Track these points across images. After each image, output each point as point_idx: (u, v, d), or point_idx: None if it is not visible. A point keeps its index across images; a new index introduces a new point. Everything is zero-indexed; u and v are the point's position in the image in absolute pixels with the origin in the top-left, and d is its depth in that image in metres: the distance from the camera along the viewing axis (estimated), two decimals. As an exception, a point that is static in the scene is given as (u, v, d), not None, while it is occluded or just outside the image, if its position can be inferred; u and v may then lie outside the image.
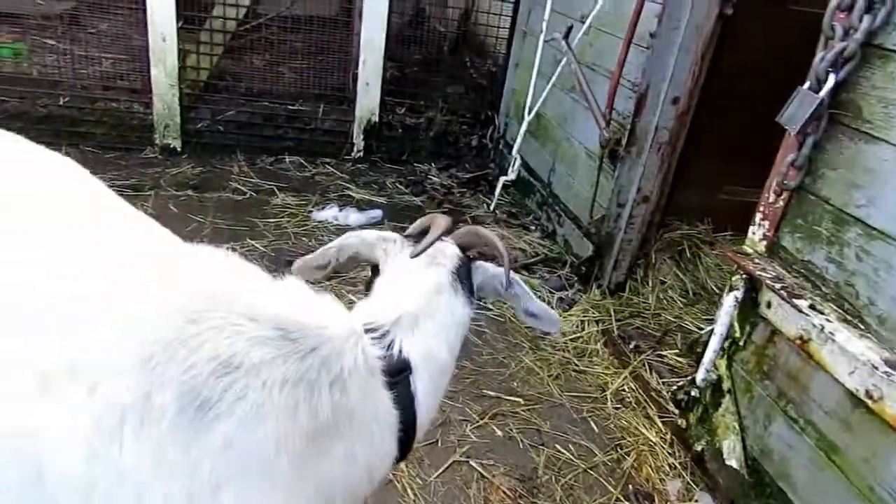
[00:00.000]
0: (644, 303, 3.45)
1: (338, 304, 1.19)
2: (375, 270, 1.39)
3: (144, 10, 4.21)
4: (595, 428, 2.65)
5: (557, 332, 2.46)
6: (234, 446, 0.96)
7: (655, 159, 3.22)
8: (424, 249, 1.32)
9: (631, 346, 3.10)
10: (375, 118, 4.90)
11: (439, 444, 2.44)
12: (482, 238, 1.43)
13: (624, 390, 2.87)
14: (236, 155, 4.77)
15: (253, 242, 3.67)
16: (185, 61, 4.60)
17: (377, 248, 1.38)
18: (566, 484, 2.35)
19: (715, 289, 3.58)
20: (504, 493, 2.26)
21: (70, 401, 1.00)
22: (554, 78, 3.95)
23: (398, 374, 1.14)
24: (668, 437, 2.61)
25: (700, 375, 2.41)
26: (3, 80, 4.44)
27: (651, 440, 2.59)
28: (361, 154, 4.99)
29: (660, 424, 2.67)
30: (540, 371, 2.93)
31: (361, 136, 4.94)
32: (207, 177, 4.45)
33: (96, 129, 4.56)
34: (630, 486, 2.39)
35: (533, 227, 4.33)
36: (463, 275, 1.34)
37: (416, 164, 5.08)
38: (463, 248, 1.41)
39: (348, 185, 4.61)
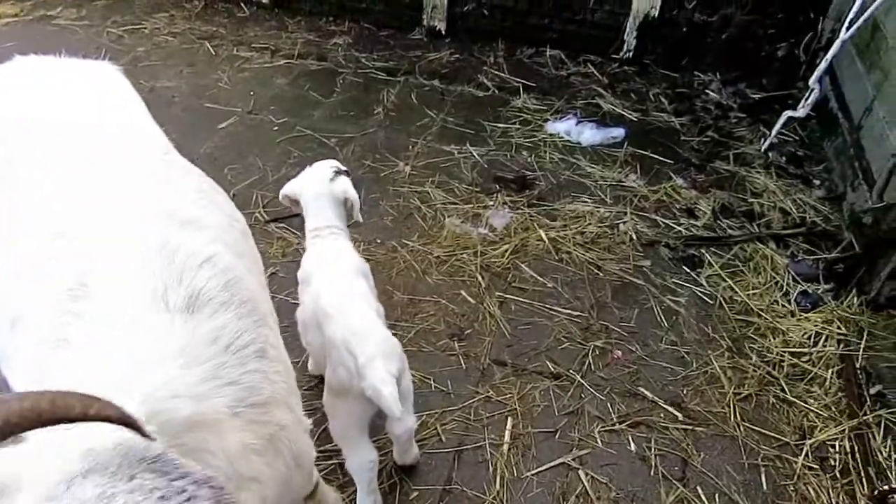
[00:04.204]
0: (933, 331, 2.46)
1: None
2: None
3: None
4: (764, 484, 2.07)
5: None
6: None
7: None
8: None
9: (873, 391, 2.27)
10: (656, 12, 4.11)
11: (556, 437, 2.18)
12: None
13: (833, 447, 2.16)
14: (497, 43, 4.52)
15: (472, 149, 3.53)
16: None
17: None
18: (686, 542, 1.92)
19: None
20: (601, 522, 1.95)
21: None
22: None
23: None
24: (866, 535, 1.92)
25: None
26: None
27: (839, 531, 1.93)
28: (631, 54, 4.30)
29: (864, 513, 1.97)
30: (726, 384, 2.35)
31: (634, 34, 4.22)
32: (460, 66, 4.34)
33: (375, 5, 4.72)
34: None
35: (817, 183, 3.32)
36: None
37: (695, 74, 4.20)
38: None
39: (602, 92, 4.06)
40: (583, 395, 2.31)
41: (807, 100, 3.20)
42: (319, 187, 2.04)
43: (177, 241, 1.00)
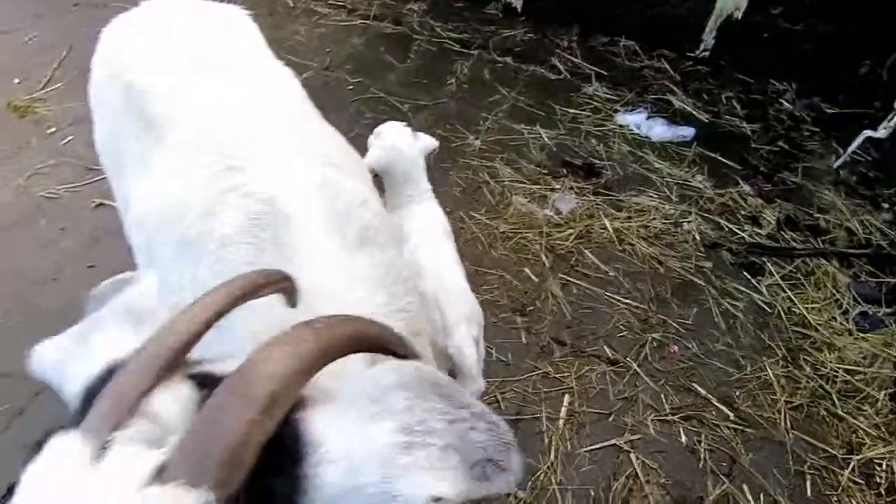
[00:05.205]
0: None
1: None
2: None
3: None
4: (809, 492, 2.12)
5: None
6: None
7: None
8: None
9: (926, 417, 2.30)
10: (739, 14, 4.06)
11: (610, 420, 2.25)
12: None
13: (879, 465, 2.20)
14: (571, 28, 4.51)
15: (541, 130, 3.56)
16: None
17: None
18: (729, 534, 1.99)
19: None
20: (649, 505, 2.02)
21: None
22: None
23: None
24: (905, 552, 1.97)
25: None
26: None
27: (878, 544, 1.99)
28: (708, 54, 4.27)
29: (905, 531, 2.02)
30: (778, 391, 2.39)
31: (714, 33, 4.18)
32: (533, 46, 4.33)
33: (454, -25, 4.72)
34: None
35: (886, 206, 3.30)
36: None
37: (770, 81, 4.16)
38: None
39: (674, 89, 4.04)
40: (637, 384, 2.37)
41: (890, 121, 3.17)
42: (413, 150, 2.04)
43: (337, 182, 1.06)
